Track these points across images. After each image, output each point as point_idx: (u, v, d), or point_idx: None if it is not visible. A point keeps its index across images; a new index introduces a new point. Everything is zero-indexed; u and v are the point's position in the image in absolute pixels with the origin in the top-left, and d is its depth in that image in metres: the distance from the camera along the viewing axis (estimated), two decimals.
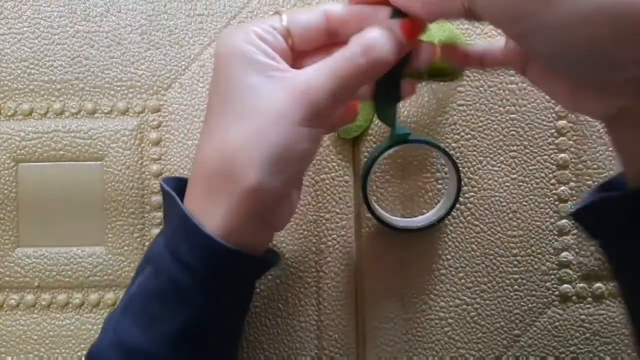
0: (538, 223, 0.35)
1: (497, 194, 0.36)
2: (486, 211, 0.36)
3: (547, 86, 0.26)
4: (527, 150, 0.36)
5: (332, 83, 0.23)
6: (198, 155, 0.26)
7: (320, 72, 0.24)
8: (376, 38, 0.24)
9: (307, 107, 0.23)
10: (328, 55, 0.24)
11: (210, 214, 0.25)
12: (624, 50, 0.19)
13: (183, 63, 0.37)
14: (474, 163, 0.36)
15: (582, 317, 0.35)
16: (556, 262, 0.35)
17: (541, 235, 0.35)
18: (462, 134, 0.36)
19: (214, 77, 0.26)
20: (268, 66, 0.24)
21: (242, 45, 0.24)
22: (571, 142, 0.36)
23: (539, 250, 0.35)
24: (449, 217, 0.35)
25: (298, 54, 0.26)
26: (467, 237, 0.36)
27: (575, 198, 0.35)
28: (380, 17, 0.25)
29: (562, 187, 0.36)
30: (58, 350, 0.36)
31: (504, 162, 0.36)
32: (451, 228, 0.36)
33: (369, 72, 0.24)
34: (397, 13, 0.24)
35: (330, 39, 0.26)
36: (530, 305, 0.35)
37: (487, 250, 0.36)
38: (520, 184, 0.36)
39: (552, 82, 0.25)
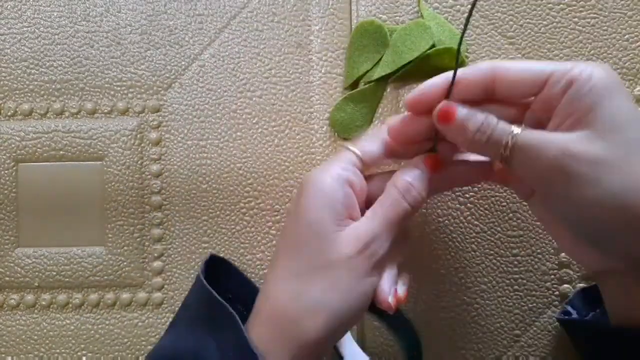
0: (538, 223, 0.35)
1: (497, 194, 0.36)
2: (486, 211, 0.36)
3: (549, 226, 0.28)
4: None
5: (387, 228, 0.27)
6: (271, 292, 0.27)
7: (375, 220, 0.27)
8: (408, 181, 0.27)
9: (372, 258, 0.26)
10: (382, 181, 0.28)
11: (276, 354, 0.26)
12: (627, 235, 0.23)
13: (183, 63, 0.37)
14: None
15: None
16: (556, 262, 0.35)
17: (541, 235, 0.35)
18: None
19: (295, 215, 0.27)
20: (344, 217, 0.27)
21: (332, 192, 0.27)
22: None
23: (539, 250, 0.35)
24: (449, 217, 0.35)
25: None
26: (467, 237, 0.36)
27: None
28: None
29: None
30: (58, 350, 0.36)
31: None
32: (451, 228, 0.36)
33: (412, 210, 0.27)
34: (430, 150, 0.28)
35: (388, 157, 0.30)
36: (530, 305, 0.35)
37: (487, 250, 0.36)
38: None
39: (557, 227, 0.27)
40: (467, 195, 0.36)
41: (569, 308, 0.33)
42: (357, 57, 0.36)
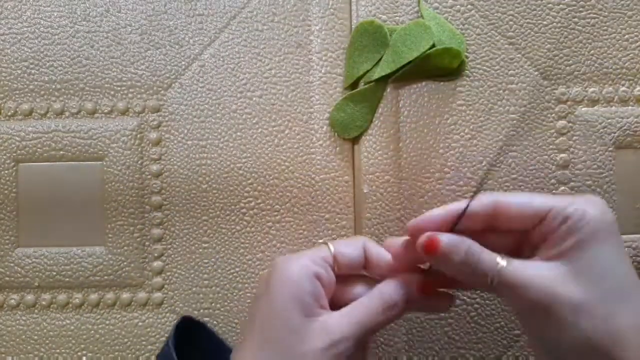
0: None
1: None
2: None
3: (533, 348, 0.29)
4: (527, 150, 0.36)
5: (358, 332, 0.26)
6: None
7: (349, 321, 0.27)
8: (395, 300, 0.28)
9: (336, 357, 0.26)
10: (360, 284, 0.29)
11: None
12: None
13: (183, 63, 0.37)
14: (473, 163, 0.36)
15: None
16: None
17: None
18: (462, 134, 0.36)
19: (263, 302, 0.27)
20: (311, 307, 0.27)
21: (296, 280, 0.27)
22: (571, 142, 0.36)
23: None
24: None
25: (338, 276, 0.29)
26: None
27: None
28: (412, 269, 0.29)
29: (562, 187, 0.36)
30: (58, 350, 0.36)
31: (504, 162, 0.36)
32: None
33: (386, 324, 0.28)
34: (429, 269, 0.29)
35: (366, 267, 0.30)
36: None
37: None
38: (520, 184, 0.36)
39: (540, 352, 0.27)
40: (467, 196, 0.36)
41: None
42: (357, 57, 0.36)
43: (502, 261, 0.26)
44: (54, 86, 0.37)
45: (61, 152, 0.37)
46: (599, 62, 0.36)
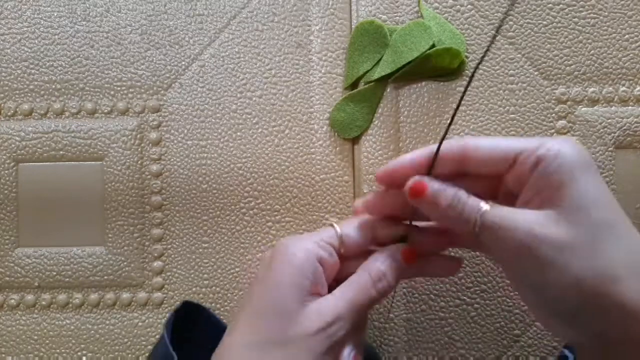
0: None
1: None
2: None
3: (521, 296, 0.28)
4: None
5: (351, 312, 0.26)
6: (224, 357, 0.27)
7: (341, 302, 0.26)
8: (382, 271, 0.27)
9: (332, 339, 0.26)
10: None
11: None
12: (592, 316, 0.23)
13: (183, 63, 0.37)
14: None
15: None
16: None
17: None
18: (462, 134, 0.36)
19: (262, 282, 0.27)
20: (308, 291, 0.26)
21: (302, 268, 0.26)
22: None
23: None
24: None
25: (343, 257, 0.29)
26: None
27: None
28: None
29: None
30: (58, 350, 0.36)
31: None
32: None
33: (379, 297, 0.27)
34: (406, 238, 0.29)
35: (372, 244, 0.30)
36: None
37: None
38: None
39: (527, 299, 0.27)
40: None
41: (567, 352, 0.33)
42: (357, 57, 0.36)
43: (485, 205, 0.25)
44: (54, 86, 0.37)
45: (61, 152, 0.37)
46: (599, 62, 0.36)
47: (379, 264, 0.28)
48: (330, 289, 0.28)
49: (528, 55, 0.36)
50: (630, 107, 0.36)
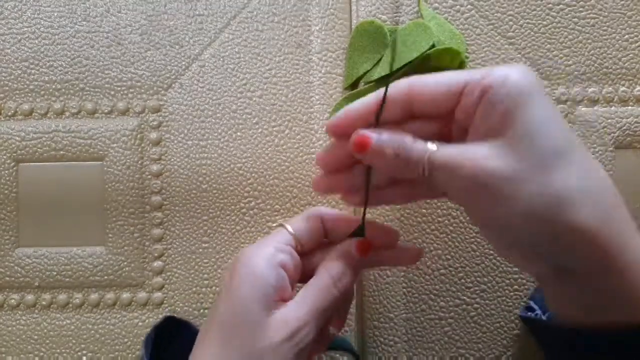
0: None
1: None
2: None
3: (481, 231, 0.28)
4: None
5: (315, 316, 0.26)
6: None
7: (303, 307, 0.26)
8: (341, 270, 0.27)
9: (299, 346, 0.26)
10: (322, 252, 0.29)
11: None
12: (549, 245, 0.23)
13: (183, 63, 0.37)
14: None
15: None
16: None
17: None
18: None
19: (226, 294, 0.27)
20: (272, 299, 0.26)
21: (264, 276, 0.26)
22: None
23: None
24: (449, 217, 0.35)
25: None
26: (467, 237, 0.36)
27: None
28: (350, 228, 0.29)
29: None
30: (58, 350, 0.36)
31: None
32: (451, 228, 0.36)
33: (340, 296, 0.27)
34: (358, 230, 0.29)
35: (326, 235, 0.30)
36: None
37: (487, 250, 0.36)
38: None
39: (486, 234, 0.27)
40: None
41: (532, 303, 0.34)
42: (357, 57, 0.36)
43: (432, 146, 0.24)
44: (54, 86, 0.37)
45: (61, 152, 0.37)
46: (599, 62, 0.36)
47: (335, 263, 0.28)
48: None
49: (528, 55, 0.36)
50: (630, 107, 0.36)
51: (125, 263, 0.37)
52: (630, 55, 0.36)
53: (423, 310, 0.36)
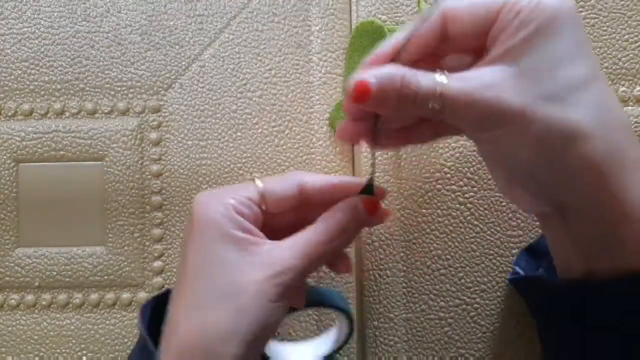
0: (538, 222, 0.35)
1: (497, 194, 0.36)
2: (486, 211, 0.36)
3: (487, 165, 0.28)
4: None
5: (304, 263, 0.25)
6: (177, 323, 0.25)
7: (294, 251, 0.25)
8: (343, 223, 0.26)
9: (283, 287, 0.24)
10: (296, 219, 0.27)
11: None
12: (551, 178, 0.23)
13: (183, 63, 0.37)
14: (473, 163, 0.36)
15: None
16: None
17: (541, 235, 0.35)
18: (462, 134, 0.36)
19: (190, 246, 0.26)
20: (244, 240, 0.25)
21: (219, 219, 0.25)
22: None
23: None
24: (449, 217, 0.35)
25: (269, 214, 0.27)
26: (467, 237, 0.36)
27: None
28: (352, 190, 0.27)
29: None
30: (58, 350, 0.36)
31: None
32: (451, 228, 0.36)
33: (336, 251, 0.26)
34: (367, 188, 0.27)
35: (302, 203, 0.28)
36: None
37: (487, 250, 0.36)
38: None
39: (493, 167, 0.27)
40: (467, 195, 0.36)
41: (517, 268, 0.34)
42: (357, 57, 0.36)
43: (441, 77, 0.23)
44: (54, 86, 0.37)
45: (61, 152, 0.37)
46: (599, 62, 0.36)
47: (341, 216, 0.26)
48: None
49: None
50: (630, 107, 0.36)
51: (125, 263, 0.37)
52: (630, 55, 0.36)
53: (423, 310, 0.36)
